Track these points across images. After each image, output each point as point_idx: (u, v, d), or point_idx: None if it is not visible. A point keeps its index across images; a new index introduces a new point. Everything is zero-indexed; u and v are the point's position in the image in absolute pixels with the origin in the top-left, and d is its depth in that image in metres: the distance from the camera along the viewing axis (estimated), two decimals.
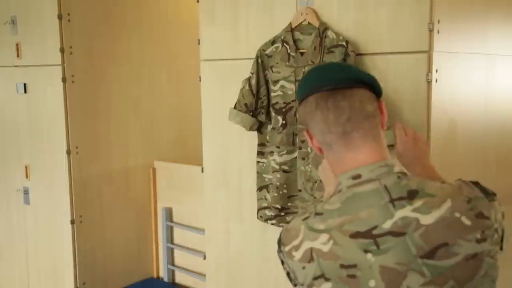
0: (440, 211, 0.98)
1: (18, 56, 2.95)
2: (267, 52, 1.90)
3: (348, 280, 1.00)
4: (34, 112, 2.92)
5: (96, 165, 2.87)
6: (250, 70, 1.93)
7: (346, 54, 1.71)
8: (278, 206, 1.93)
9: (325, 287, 1.02)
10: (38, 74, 2.85)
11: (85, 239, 2.84)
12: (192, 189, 2.97)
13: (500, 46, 2.04)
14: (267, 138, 1.97)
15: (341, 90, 1.07)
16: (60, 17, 2.66)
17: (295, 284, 1.13)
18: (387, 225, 0.99)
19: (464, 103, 1.83)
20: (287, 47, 1.85)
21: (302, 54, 1.82)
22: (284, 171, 1.91)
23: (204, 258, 2.37)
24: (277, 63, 1.88)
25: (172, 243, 3.13)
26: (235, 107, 1.97)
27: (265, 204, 1.98)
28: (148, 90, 3.09)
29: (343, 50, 1.72)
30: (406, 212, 0.99)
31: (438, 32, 1.60)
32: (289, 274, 1.13)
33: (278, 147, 1.91)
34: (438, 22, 1.59)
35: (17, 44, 2.95)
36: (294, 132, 1.88)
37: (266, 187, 1.98)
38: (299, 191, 1.89)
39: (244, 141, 2.08)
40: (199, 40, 2.22)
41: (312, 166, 1.83)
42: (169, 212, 3.11)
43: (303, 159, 1.86)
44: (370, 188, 1.03)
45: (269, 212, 1.96)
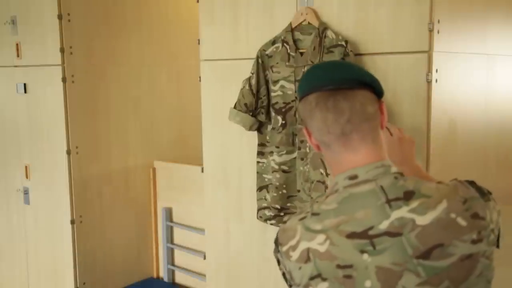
0: (436, 212, 0.98)
1: (18, 56, 2.95)
2: (268, 52, 1.90)
3: (344, 281, 1.00)
4: (34, 112, 2.92)
5: (96, 165, 2.87)
6: (251, 70, 1.93)
7: (345, 54, 1.71)
8: (277, 206, 1.93)
9: (322, 287, 1.02)
10: (38, 74, 2.85)
11: (85, 239, 2.84)
12: (192, 189, 2.97)
13: (500, 46, 2.04)
14: (267, 138, 1.97)
15: (342, 91, 1.06)
16: (60, 17, 2.66)
17: (290, 285, 1.14)
18: (383, 225, 0.99)
19: (464, 103, 1.83)
20: (287, 47, 1.85)
21: (301, 54, 1.82)
22: (284, 171, 1.91)
23: (204, 258, 2.37)
24: (277, 63, 1.88)
25: (172, 243, 3.13)
26: (235, 107, 1.97)
27: (265, 204, 1.98)
28: (148, 90, 3.09)
29: (342, 50, 1.72)
30: (402, 212, 0.99)
31: (438, 32, 1.60)
32: (284, 274, 1.13)
33: (277, 147, 1.91)
34: (438, 22, 1.59)
35: (17, 44, 2.95)
36: (294, 132, 1.88)
37: (266, 187, 1.98)
38: (298, 191, 1.89)
39: (244, 141, 2.08)
40: (199, 40, 2.22)
41: (310, 167, 1.83)
42: (169, 212, 3.11)
43: (302, 159, 1.86)
44: (366, 189, 1.03)
45: (268, 212, 1.96)
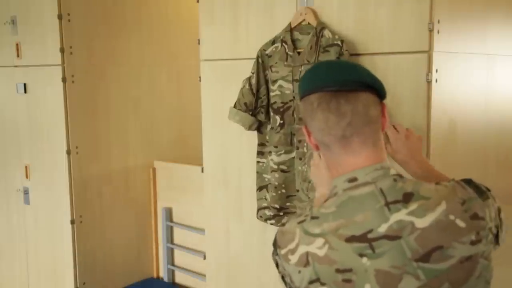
0: (435, 214, 0.98)
1: (18, 56, 2.95)
2: (267, 52, 1.91)
3: (343, 285, 0.99)
4: (34, 112, 2.92)
5: (96, 165, 2.86)
6: (251, 70, 1.93)
7: (340, 53, 1.71)
8: (276, 206, 1.93)
9: None
10: (38, 74, 2.85)
11: (85, 239, 2.84)
12: (192, 189, 2.97)
13: (500, 46, 2.04)
14: (267, 138, 1.97)
15: (344, 93, 1.05)
16: (60, 17, 2.66)
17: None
18: (382, 228, 0.99)
19: (464, 103, 1.83)
20: (286, 46, 1.85)
21: (299, 53, 1.83)
22: (282, 171, 1.91)
23: (204, 258, 2.37)
24: (276, 62, 1.88)
25: (172, 243, 3.13)
26: (234, 106, 1.97)
27: (265, 204, 1.98)
28: (148, 90, 3.09)
29: (338, 49, 1.72)
30: (401, 215, 0.98)
31: (438, 32, 1.60)
32: (284, 277, 1.12)
33: (276, 147, 1.91)
34: (438, 22, 1.59)
35: (17, 44, 2.95)
36: (292, 132, 1.88)
37: (266, 187, 1.98)
38: (297, 191, 1.89)
39: (244, 141, 2.08)
40: (199, 40, 2.22)
41: (307, 166, 1.83)
42: (169, 212, 3.11)
43: (300, 159, 1.86)
44: (365, 191, 1.02)
45: (268, 212, 1.96)
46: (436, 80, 1.62)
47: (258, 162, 1.99)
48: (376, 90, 1.09)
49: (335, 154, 1.08)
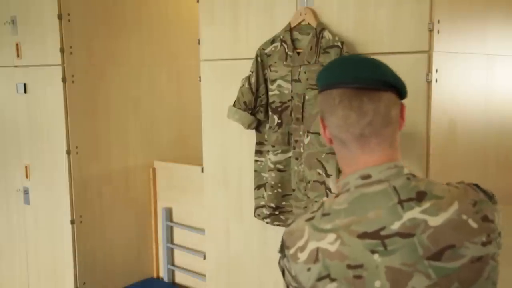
0: (448, 213, 0.98)
1: (18, 56, 2.95)
2: (267, 51, 1.91)
3: (354, 281, 0.99)
4: (34, 112, 2.92)
5: (96, 165, 2.87)
6: (250, 69, 1.93)
7: (341, 55, 1.71)
8: (272, 205, 1.93)
9: None
10: (38, 74, 2.85)
11: (85, 239, 2.84)
12: (192, 189, 2.97)
13: (499, 46, 2.04)
14: (265, 137, 1.97)
15: (368, 91, 1.04)
16: (60, 17, 2.66)
17: None
18: (395, 226, 0.98)
19: (464, 103, 1.83)
20: (285, 46, 1.85)
21: (299, 54, 1.83)
22: (279, 170, 1.91)
23: (204, 258, 2.37)
24: (275, 62, 1.88)
25: (172, 243, 3.13)
26: (234, 105, 1.97)
27: (262, 203, 1.98)
28: (148, 90, 3.09)
29: (338, 50, 1.72)
30: (414, 213, 0.98)
31: (438, 32, 1.60)
32: (288, 287, 1.11)
33: (273, 146, 1.91)
34: (438, 22, 1.59)
35: (17, 44, 2.95)
36: (289, 131, 1.88)
37: (264, 185, 1.98)
38: (293, 190, 1.90)
39: (244, 141, 2.08)
40: (199, 40, 2.22)
41: (304, 166, 1.83)
42: (169, 212, 3.11)
43: (297, 159, 1.86)
44: (379, 189, 1.02)
45: (265, 211, 1.96)
46: (436, 80, 1.62)
47: (256, 161, 2.00)
48: (398, 90, 1.08)
49: (350, 152, 1.08)
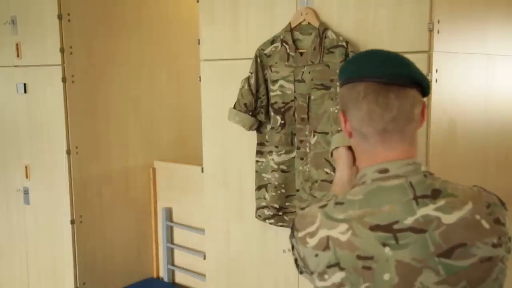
0: (462, 212, 0.99)
1: (18, 56, 2.95)
2: (266, 51, 1.90)
3: (363, 272, 1.00)
4: (34, 112, 2.92)
5: (96, 165, 2.86)
6: (249, 70, 1.93)
7: (346, 54, 1.71)
8: (276, 205, 1.93)
9: (338, 276, 1.02)
10: (38, 74, 2.85)
11: (85, 239, 2.84)
12: (192, 189, 2.97)
13: (499, 46, 2.04)
14: (266, 137, 1.97)
15: (394, 87, 1.04)
16: (60, 17, 2.66)
17: (301, 272, 1.14)
18: (408, 221, 0.99)
19: (464, 103, 1.83)
20: (287, 47, 1.85)
21: (301, 54, 1.82)
22: (283, 170, 1.91)
23: (204, 258, 2.37)
24: (276, 62, 1.88)
25: (172, 243, 3.13)
26: (234, 107, 1.96)
27: (263, 204, 1.98)
28: (148, 90, 3.09)
29: (343, 50, 1.72)
30: (428, 210, 0.99)
31: (438, 32, 1.60)
32: (296, 260, 1.13)
33: (276, 147, 1.91)
34: (438, 22, 1.59)
35: (17, 44, 2.95)
36: (293, 132, 1.88)
37: (265, 186, 1.98)
38: (297, 190, 1.89)
39: (244, 141, 2.08)
40: (199, 40, 2.22)
41: (311, 166, 1.83)
42: (169, 212, 3.11)
43: (302, 159, 1.86)
44: (395, 184, 1.03)
45: (267, 212, 1.96)
46: (436, 80, 1.62)
47: (257, 161, 1.99)
48: (423, 88, 1.09)
49: (371, 146, 1.08)
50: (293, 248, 1.14)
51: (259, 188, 2.00)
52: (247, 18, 2.03)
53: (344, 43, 1.72)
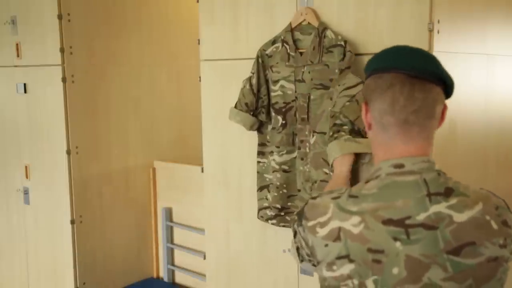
0: (473, 212, 1.01)
1: (18, 56, 2.95)
2: (268, 52, 1.91)
3: (372, 265, 1.02)
4: (34, 112, 2.92)
5: (96, 165, 2.87)
6: (251, 70, 1.93)
7: (344, 53, 1.71)
8: (278, 206, 1.93)
9: (347, 268, 1.03)
10: (38, 74, 2.85)
11: (85, 239, 2.84)
12: (192, 189, 2.97)
13: (499, 46, 2.04)
14: (268, 138, 1.97)
15: (421, 80, 1.06)
16: (60, 17, 2.66)
17: (301, 260, 1.15)
18: (420, 217, 1.01)
19: (464, 103, 1.83)
20: (287, 47, 1.85)
21: (301, 54, 1.83)
22: (284, 171, 1.91)
23: (204, 258, 2.37)
24: (277, 63, 1.88)
25: (172, 243, 3.13)
26: (235, 107, 1.97)
27: (266, 204, 1.98)
28: (148, 90, 3.09)
29: (341, 49, 1.72)
30: (440, 207, 1.01)
31: (438, 32, 1.60)
32: (298, 249, 1.14)
33: (278, 147, 1.91)
34: (438, 22, 1.59)
35: (17, 44, 2.95)
36: (294, 132, 1.88)
37: (267, 187, 1.98)
38: (299, 191, 1.89)
39: (244, 141, 2.08)
40: (199, 40, 2.22)
41: (310, 166, 1.83)
42: (169, 212, 3.11)
43: (302, 159, 1.86)
44: (410, 179, 1.04)
45: (269, 212, 1.96)
46: None
47: (258, 162, 1.99)
48: (446, 88, 1.11)
49: (389, 138, 1.09)
50: (295, 235, 1.15)
51: (261, 188, 2.00)
52: (247, 18, 2.03)
53: (342, 43, 1.72)
